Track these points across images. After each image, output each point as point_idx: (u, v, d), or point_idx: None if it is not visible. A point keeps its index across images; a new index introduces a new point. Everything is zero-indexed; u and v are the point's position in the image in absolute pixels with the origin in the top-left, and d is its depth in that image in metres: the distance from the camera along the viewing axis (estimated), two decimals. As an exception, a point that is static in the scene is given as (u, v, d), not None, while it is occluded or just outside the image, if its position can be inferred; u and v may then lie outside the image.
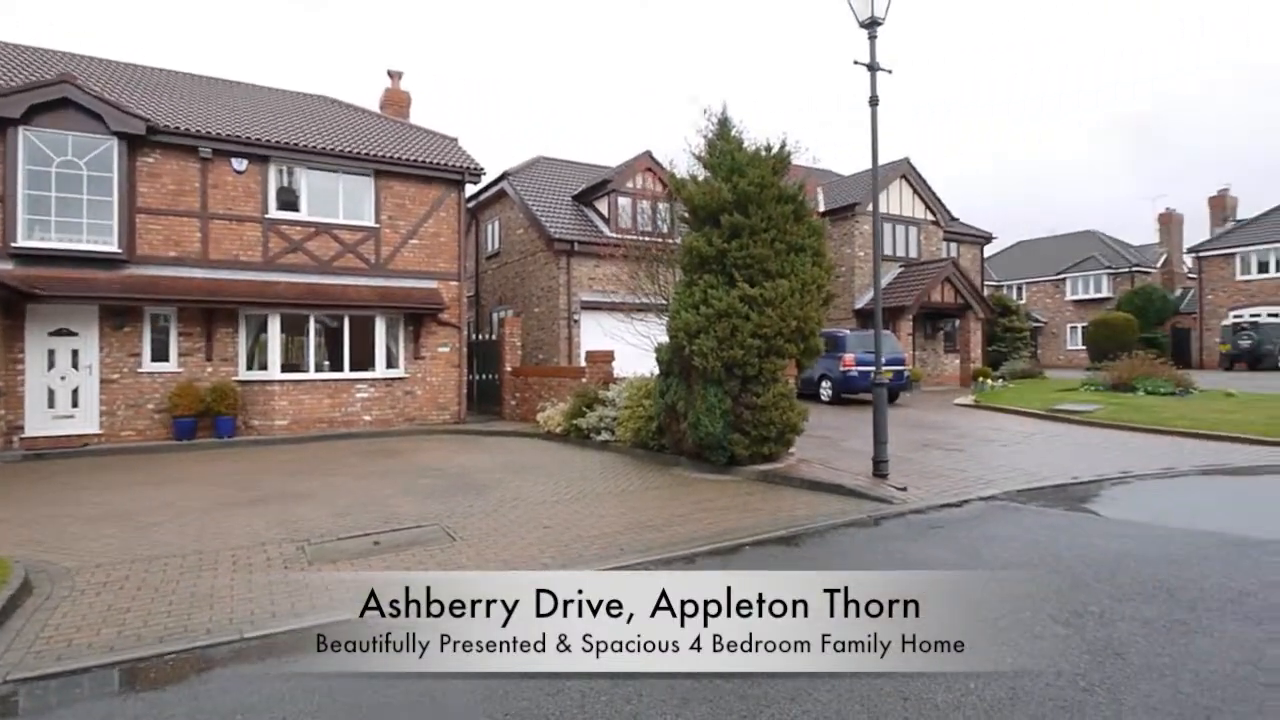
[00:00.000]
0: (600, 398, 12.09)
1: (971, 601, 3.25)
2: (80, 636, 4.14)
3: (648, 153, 19.53)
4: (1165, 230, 42.39)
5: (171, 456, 11.70)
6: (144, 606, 4.61)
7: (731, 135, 9.88)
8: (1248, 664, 3.44)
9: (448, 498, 7.90)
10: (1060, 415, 14.01)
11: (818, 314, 9.30)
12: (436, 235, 16.02)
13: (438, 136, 17.64)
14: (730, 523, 6.61)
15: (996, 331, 26.86)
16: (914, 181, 23.55)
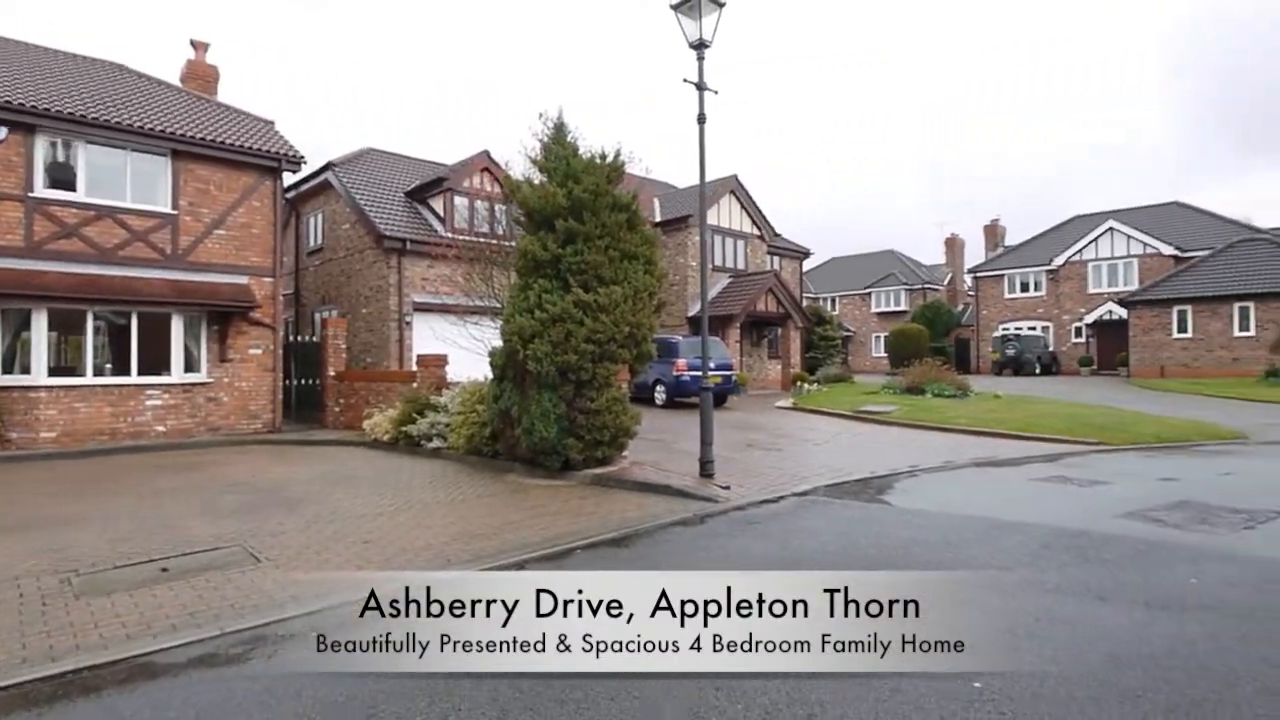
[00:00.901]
0: (432, 403, 11.64)
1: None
2: None
3: (485, 152, 19.13)
4: (950, 253, 48.62)
5: (-108, 478, 9.67)
6: None
7: (567, 141, 9.95)
8: (1005, 632, 3.97)
9: (255, 515, 7.22)
10: (864, 416, 15.53)
11: (650, 320, 9.59)
12: (248, 226, 14.60)
13: (251, 118, 16.09)
14: (562, 527, 6.63)
15: (813, 339, 29.24)
16: (742, 198, 25.05)
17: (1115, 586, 4.76)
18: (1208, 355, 26.96)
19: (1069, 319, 34.75)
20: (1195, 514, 6.69)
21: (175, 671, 3.73)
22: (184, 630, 4.22)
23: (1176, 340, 27.76)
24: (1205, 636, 3.87)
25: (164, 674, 3.71)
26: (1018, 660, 3.53)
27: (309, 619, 4.39)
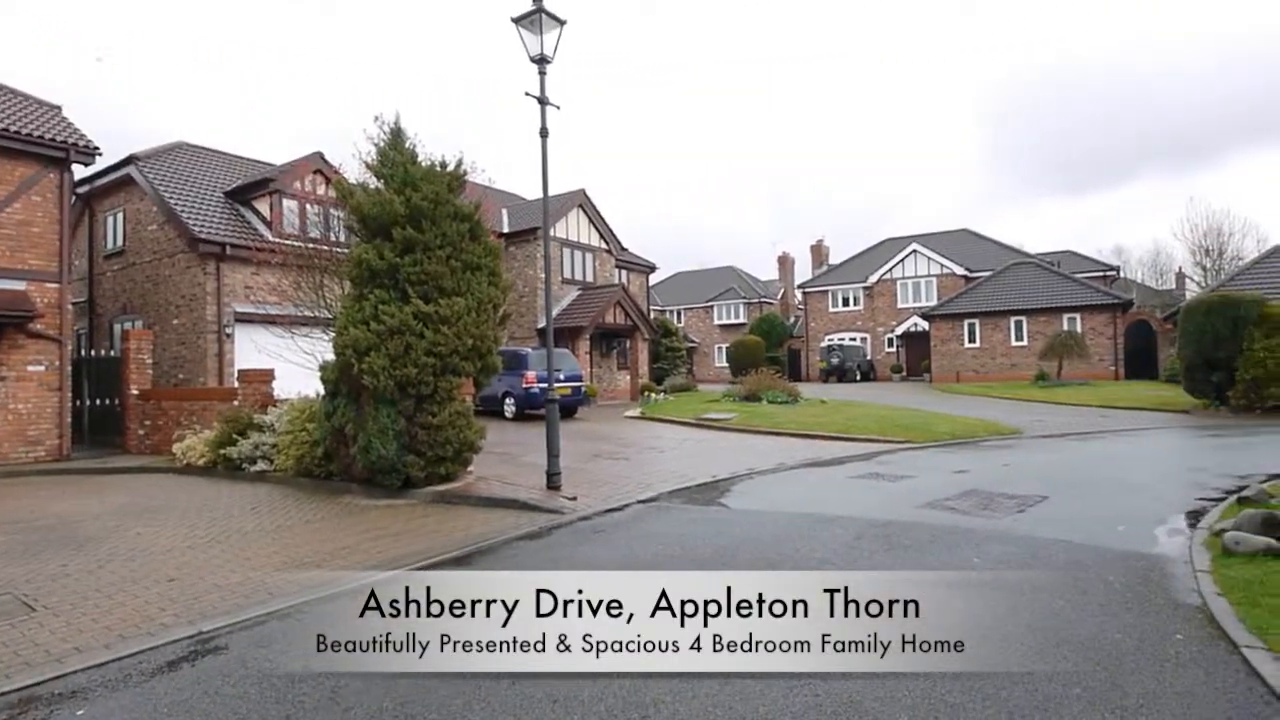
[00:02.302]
0: (256, 423, 10.72)
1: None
2: None
3: (319, 153, 17.94)
4: (783, 270, 52.30)
5: None
6: None
7: (405, 147, 9.61)
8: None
9: (32, 558, 6.26)
10: (707, 423, 16.27)
11: (494, 332, 9.47)
12: (26, 224, 12.69)
13: (30, 100, 14.00)
14: (401, 549, 6.36)
15: (660, 350, 30.18)
16: (590, 212, 25.41)
17: (915, 568, 5.36)
18: (993, 362, 31.01)
19: (883, 330, 38.58)
20: (980, 501, 7.68)
21: (-84, 748, 3.17)
22: (-71, 699, 3.58)
23: (968, 349, 31.68)
24: (985, 609, 4.46)
25: (-100, 753, 3.14)
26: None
27: (96, 672, 3.90)
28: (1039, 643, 3.90)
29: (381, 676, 3.69)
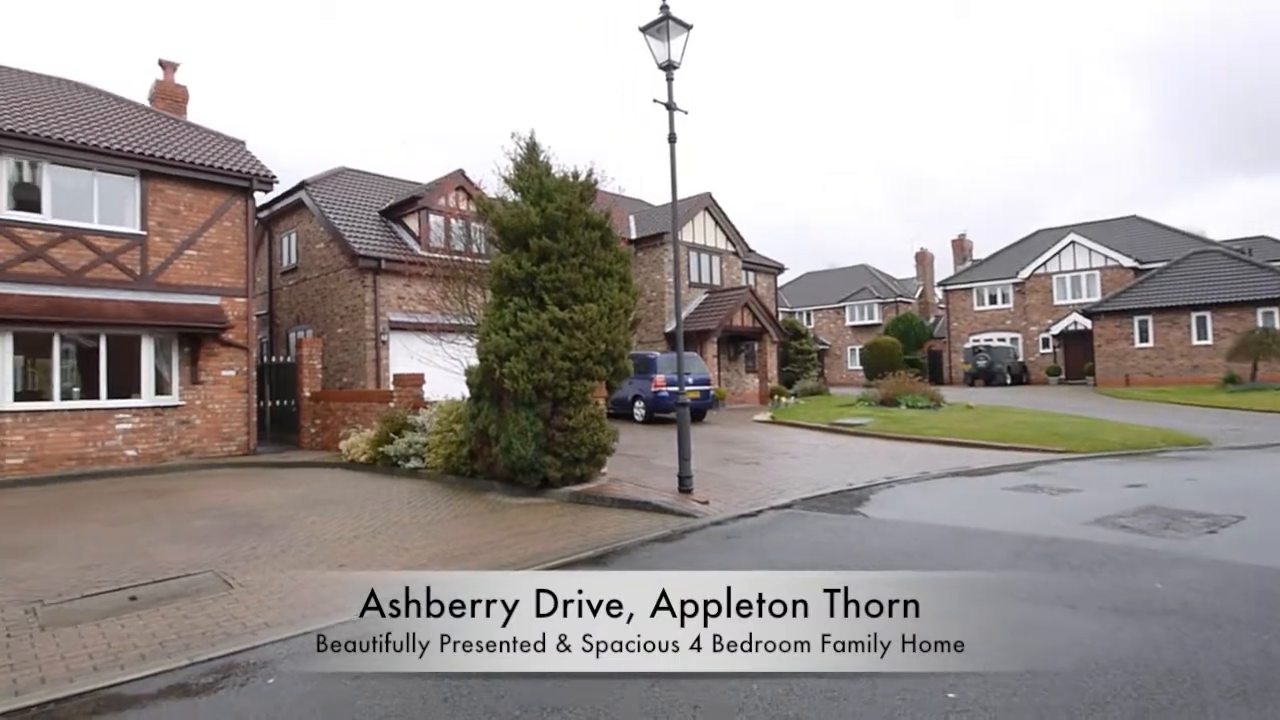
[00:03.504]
0: (409, 423, 11.56)
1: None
2: None
3: (460, 171, 19.16)
4: (921, 267, 49.52)
5: None
6: None
7: (540, 160, 10.01)
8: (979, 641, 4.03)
9: (227, 541, 7.10)
10: (841, 428, 15.69)
11: (626, 337, 9.64)
12: (219, 246, 14.45)
13: (221, 138, 15.97)
14: (541, 547, 6.61)
15: (789, 353, 29.52)
16: (716, 214, 25.32)
17: (1084, 593, 4.86)
18: (1169, 364, 27.67)
19: (1036, 330, 35.49)
20: (1161, 519, 6.86)
21: (144, 703, 3.66)
22: (153, 660, 4.14)
23: (1139, 349, 28.46)
24: (1171, 641, 3.96)
25: (131, 706, 3.63)
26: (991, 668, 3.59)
27: (282, 645, 4.34)
28: (1239, 685, 3.41)
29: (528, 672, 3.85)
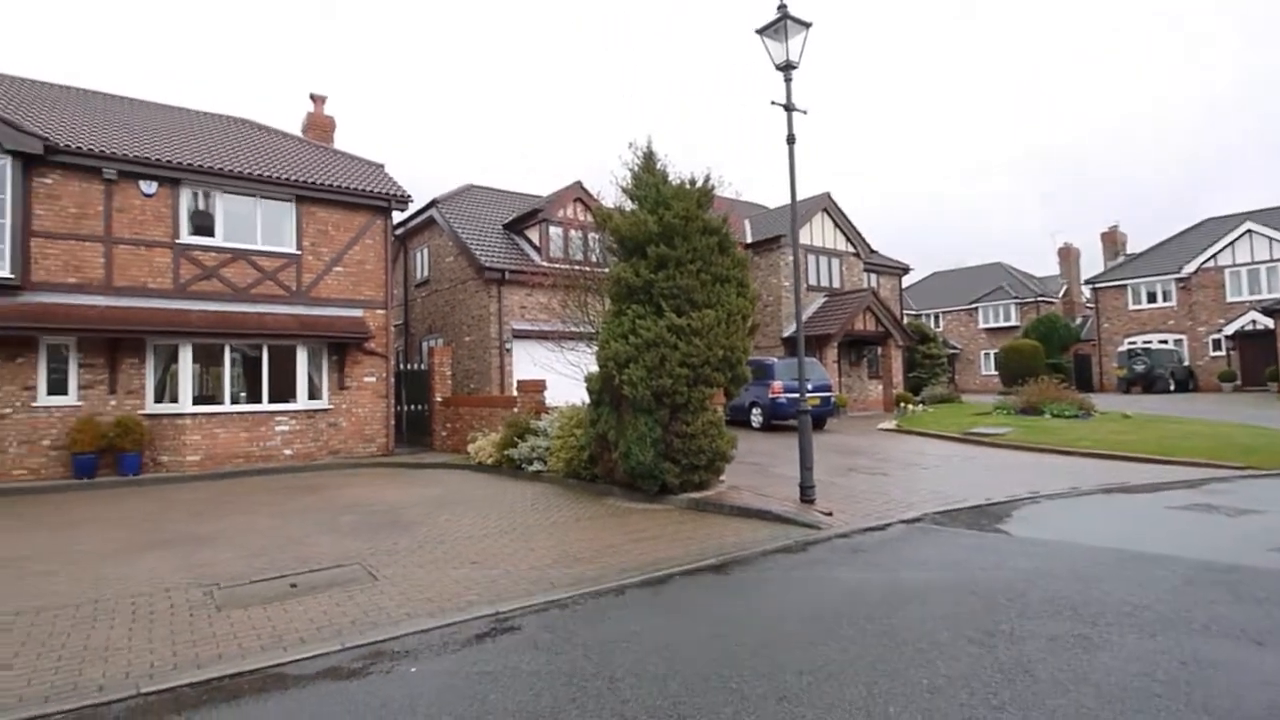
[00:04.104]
0: (532, 428, 11.97)
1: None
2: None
3: (578, 183, 19.70)
4: (1065, 263, 45.58)
5: (70, 496, 10.88)
6: (28, 663, 4.25)
7: (656, 169, 10.10)
8: (1144, 675, 3.65)
9: (371, 535, 7.62)
10: (975, 438, 14.71)
11: (744, 343, 9.51)
12: (362, 263, 15.64)
13: (363, 162, 17.31)
14: (661, 552, 6.62)
15: (916, 358, 28.08)
16: (835, 215, 24.55)
17: (1274, 628, 4.26)
18: (1380, 368, 23.85)
19: (1205, 330, 31.72)
20: (1375, 549, 5.90)
21: (304, 683, 3.97)
22: (311, 643, 4.49)
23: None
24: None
25: (294, 685, 3.95)
26: (1168, 706, 3.21)
27: (423, 636, 4.58)
28: None
29: (653, 677, 3.84)
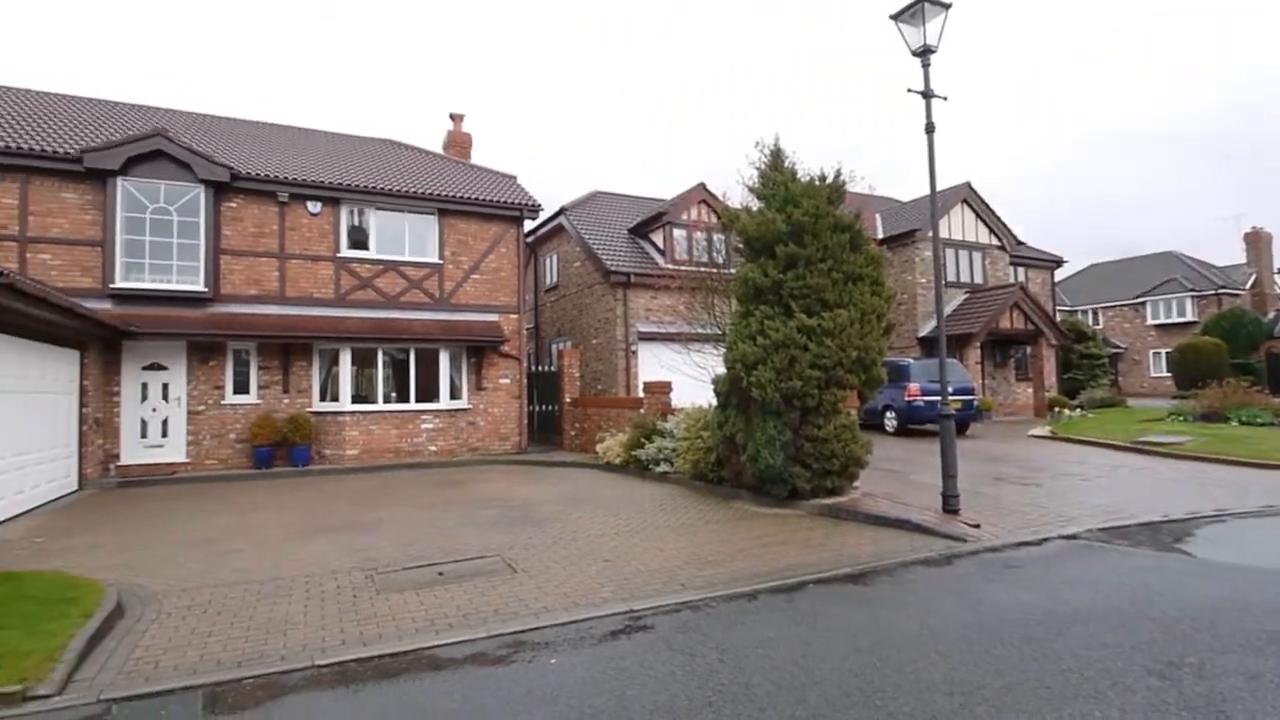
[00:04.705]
0: (659, 429, 12.08)
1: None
2: (166, 659, 4.33)
3: (701, 185, 19.69)
4: (1254, 250, 40.07)
5: (250, 484, 12.22)
6: (224, 631, 4.80)
7: (784, 166, 9.89)
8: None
9: (509, 530, 7.99)
10: (1146, 447, 13.24)
11: (879, 343, 9.11)
12: (497, 270, 16.46)
13: (497, 175, 18.22)
14: (793, 559, 6.46)
15: (1072, 358, 25.71)
16: (976, 206, 22.99)
17: None
18: None
19: None
20: None
21: (454, 666, 4.21)
22: (459, 629, 4.76)
23: None
24: None
25: (446, 667, 4.20)
26: None
27: (560, 630, 4.73)
28: None
29: (791, 686, 3.75)
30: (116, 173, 12.80)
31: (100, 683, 4.00)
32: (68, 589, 5.43)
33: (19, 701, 3.72)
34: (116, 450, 12.86)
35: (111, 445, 12.81)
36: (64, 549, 7.31)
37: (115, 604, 5.15)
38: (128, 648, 4.51)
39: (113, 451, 12.81)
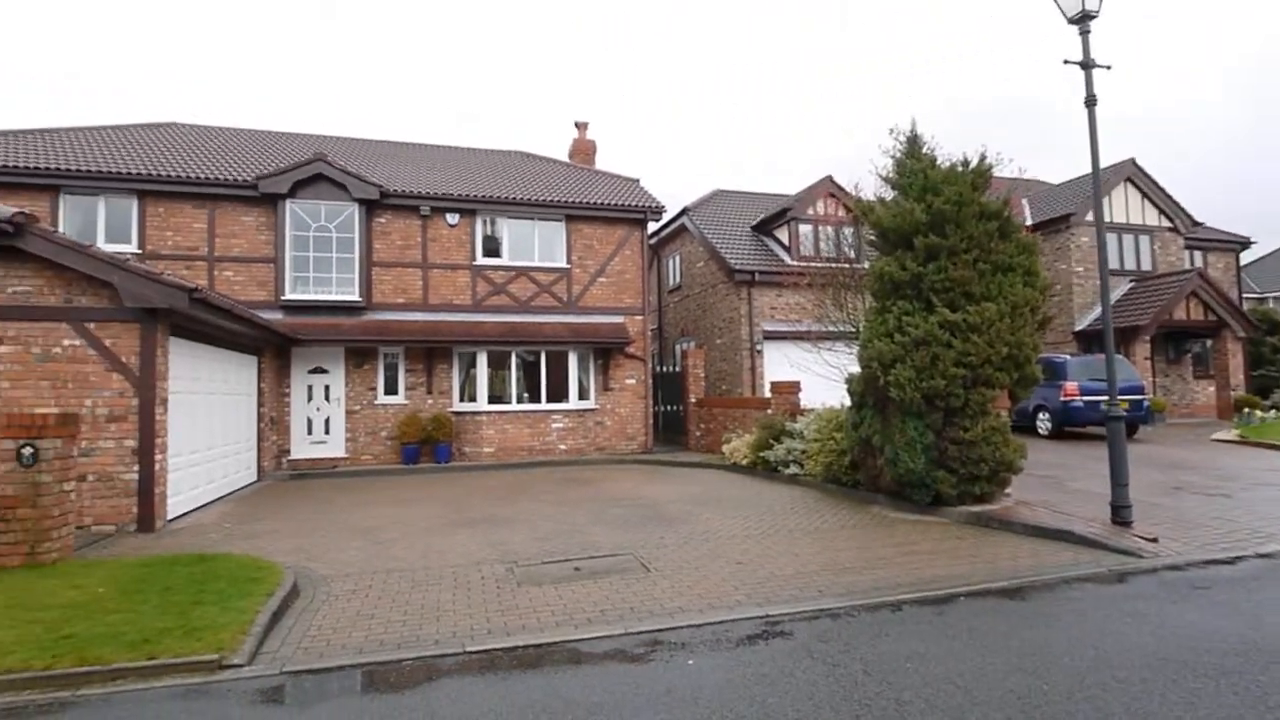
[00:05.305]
0: (787, 429, 11.79)
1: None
2: (336, 637, 4.72)
3: (828, 178, 19.07)
4: None
5: (399, 479, 13.15)
6: (384, 614, 5.16)
7: (923, 153, 9.36)
8: None
9: (639, 528, 8.07)
10: (1365, 455, 11.37)
11: (1032, 339, 8.42)
12: (622, 272, 16.74)
13: (620, 179, 18.54)
14: (940, 569, 6.07)
15: (1263, 353, 22.55)
16: (1142, 184, 20.71)
17: None
18: None
19: None
20: None
21: (594, 661, 4.29)
22: (597, 625, 4.85)
23: None
24: None
25: (586, 661, 4.29)
26: None
27: (696, 631, 4.70)
28: None
29: (947, 707, 3.51)
30: (285, 196, 14.21)
31: (282, 656, 4.42)
32: (252, 570, 6.05)
33: (216, 669, 4.17)
34: (287, 445, 14.27)
35: (283, 441, 14.23)
36: (247, 534, 8.17)
37: (292, 585, 5.67)
38: (303, 626, 4.95)
39: (284, 446, 14.22)
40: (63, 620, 4.77)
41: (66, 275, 8.21)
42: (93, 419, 8.17)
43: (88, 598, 5.28)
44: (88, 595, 5.34)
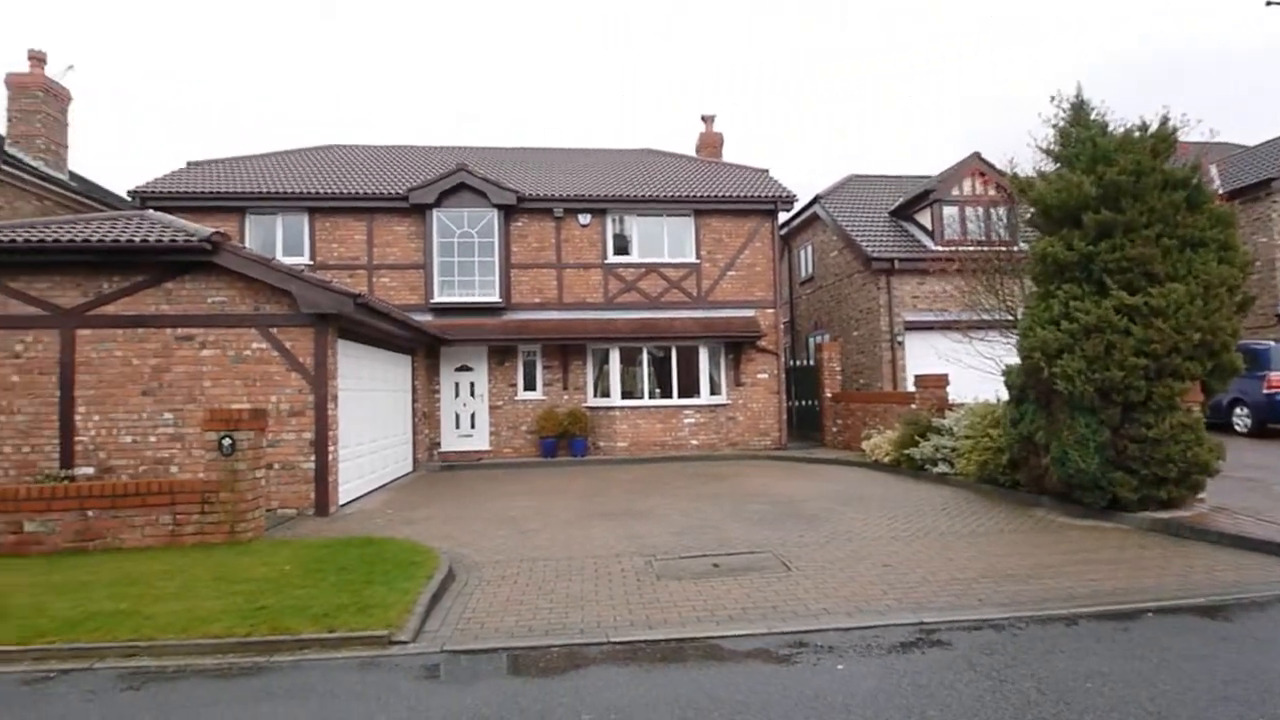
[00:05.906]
0: (935, 426, 11.09)
1: None
2: (490, 621, 4.96)
3: (976, 154, 17.73)
4: None
5: (539, 471, 13.70)
6: (531, 601, 5.37)
7: (1090, 120, 8.44)
8: None
9: (777, 526, 7.88)
10: None
11: (1230, 323, 7.37)
12: (752, 265, 16.47)
13: (749, 170, 18.22)
14: (1120, 581, 5.46)
15: None
16: (1371, 139, 17.58)
17: None
18: None
19: None
20: None
21: (737, 659, 4.22)
22: (739, 623, 4.77)
23: None
24: None
25: (729, 659, 4.23)
26: None
27: (844, 634, 4.51)
28: None
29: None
30: (432, 205, 15.20)
31: (442, 636, 4.70)
32: (413, 554, 6.51)
33: (386, 645, 4.50)
34: (438, 439, 15.28)
35: (434, 434, 15.25)
36: (406, 520, 8.81)
37: (448, 570, 6.04)
38: (460, 608, 5.25)
39: (435, 439, 15.24)
40: (257, 593, 5.35)
41: (254, 286, 9.24)
42: (276, 414, 9.13)
43: (276, 574, 5.90)
44: (276, 571, 5.97)
